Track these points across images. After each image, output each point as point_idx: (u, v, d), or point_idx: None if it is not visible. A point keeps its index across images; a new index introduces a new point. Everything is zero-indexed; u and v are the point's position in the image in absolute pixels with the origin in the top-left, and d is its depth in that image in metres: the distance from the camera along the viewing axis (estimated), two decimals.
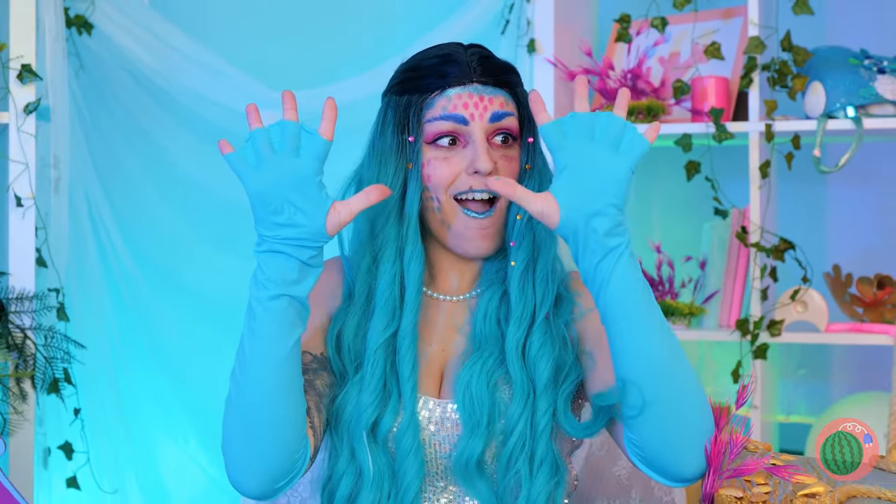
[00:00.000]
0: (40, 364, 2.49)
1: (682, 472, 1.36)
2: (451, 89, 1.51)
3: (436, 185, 1.51)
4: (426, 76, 1.52)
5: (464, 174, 1.50)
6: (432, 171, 1.51)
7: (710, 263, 2.75)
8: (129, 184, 2.96)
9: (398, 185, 1.51)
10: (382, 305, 1.50)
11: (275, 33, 3.05)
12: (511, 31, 2.78)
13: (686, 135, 2.67)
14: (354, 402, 1.49)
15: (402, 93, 1.54)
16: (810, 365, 3.02)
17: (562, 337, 1.50)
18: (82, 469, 2.75)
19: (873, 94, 2.56)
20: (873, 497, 1.34)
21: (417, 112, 1.52)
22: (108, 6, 2.82)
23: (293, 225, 1.34)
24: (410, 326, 1.50)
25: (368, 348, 1.49)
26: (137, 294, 2.95)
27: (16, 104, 2.61)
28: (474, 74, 1.51)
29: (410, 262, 1.51)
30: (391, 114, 1.54)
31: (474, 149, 1.49)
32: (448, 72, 1.51)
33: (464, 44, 1.57)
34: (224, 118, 2.90)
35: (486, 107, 1.50)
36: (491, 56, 1.55)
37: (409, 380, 1.49)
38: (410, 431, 1.48)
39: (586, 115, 1.37)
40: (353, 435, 1.48)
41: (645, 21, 2.82)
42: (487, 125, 1.50)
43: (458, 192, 1.50)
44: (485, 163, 1.47)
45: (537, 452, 1.46)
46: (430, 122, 1.51)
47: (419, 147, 1.51)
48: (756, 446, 1.50)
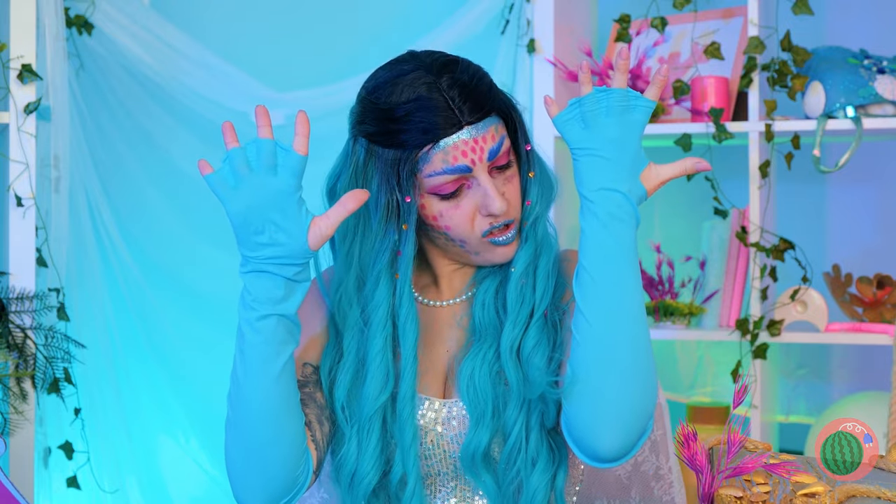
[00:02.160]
0: (40, 364, 2.50)
1: (598, 451, 1.37)
2: (443, 140, 1.43)
3: (459, 235, 1.47)
4: (409, 130, 1.43)
5: (479, 216, 1.47)
6: (450, 222, 1.46)
7: (710, 263, 2.75)
8: (129, 184, 2.96)
9: (388, 248, 1.46)
10: (375, 370, 1.47)
11: (275, 33, 3.05)
12: (511, 31, 2.78)
13: (686, 135, 2.67)
14: (353, 463, 1.47)
15: (385, 144, 1.45)
16: (810, 365, 3.02)
17: (556, 328, 1.49)
18: (82, 469, 2.75)
19: (873, 94, 2.56)
20: (873, 497, 1.34)
21: (411, 167, 1.44)
22: (109, 6, 2.82)
23: (275, 244, 1.32)
24: (410, 394, 1.47)
25: (363, 415, 1.47)
26: (137, 294, 2.95)
27: (16, 104, 2.61)
28: (463, 117, 1.43)
29: (406, 325, 1.47)
30: (375, 167, 1.46)
31: (483, 192, 1.45)
32: (436, 122, 1.43)
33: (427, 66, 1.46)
34: (224, 118, 2.89)
35: (483, 147, 1.45)
36: (465, 80, 1.45)
37: (411, 447, 1.47)
38: (417, 499, 1.47)
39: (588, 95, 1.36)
40: (354, 496, 1.48)
41: (645, 21, 2.82)
42: (487, 164, 1.46)
43: (484, 232, 1.47)
44: (499, 205, 1.44)
45: (531, 447, 1.46)
46: (432, 177, 1.45)
47: (415, 206, 1.46)
48: (756, 446, 1.50)
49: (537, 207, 1.51)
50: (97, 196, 2.88)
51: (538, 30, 2.74)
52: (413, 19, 2.99)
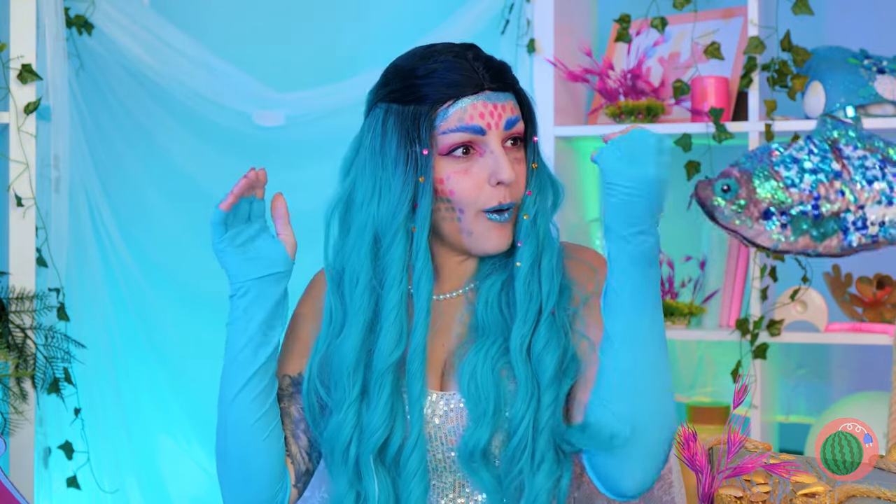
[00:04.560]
0: (40, 364, 2.50)
1: (623, 489, 1.43)
2: (464, 98, 1.47)
3: (462, 201, 1.48)
4: (433, 84, 1.48)
5: (487, 186, 1.48)
6: (455, 186, 1.48)
7: (710, 263, 2.75)
8: (129, 184, 2.96)
9: (407, 200, 1.47)
10: (389, 327, 1.47)
11: (275, 33, 3.05)
12: (511, 31, 2.78)
13: (686, 135, 2.67)
14: (354, 425, 1.48)
15: (406, 102, 1.49)
16: (810, 365, 3.02)
17: (565, 329, 1.50)
18: (82, 469, 2.75)
19: (873, 94, 2.56)
20: (873, 497, 1.34)
21: (429, 123, 1.47)
22: (109, 6, 2.82)
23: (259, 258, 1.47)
24: (421, 347, 1.48)
25: (375, 371, 1.47)
26: (137, 294, 2.95)
27: (16, 104, 2.61)
28: (485, 80, 1.48)
29: (420, 280, 1.48)
30: (394, 124, 1.49)
31: (494, 159, 1.47)
32: (458, 80, 1.47)
33: (455, 44, 1.53)
34: (224, 118, 2.90)
35: (501, 114, 1.48)
36: (490, 57, 1.52)
37: (417, 401, 1.48)
38: (417, 453, 1.47)
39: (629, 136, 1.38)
40: (360, 458, 1.48)
41: (645, 21, 2.82)
42: (503, 133, 1.48)
43: (487, 207, 1.48)
44: (509, 173, 1.46)
45: (538, 449, 1.46)
46: (446, 134, 1.47)
47: (432, 160, 1.48)
48: (756, 446, 1.50)
49: (537, 202, 1.52)
50: (97, 196, 2.87)
51: (538, 30, 2.74)
52: (413, 19, 2.99)
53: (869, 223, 1.15)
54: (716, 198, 1.12)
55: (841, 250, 1.13)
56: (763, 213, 1.12)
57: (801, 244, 1.12)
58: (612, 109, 2.74)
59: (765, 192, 1.12)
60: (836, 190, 1.14)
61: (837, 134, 1.16)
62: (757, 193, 1.11)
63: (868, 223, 1.15)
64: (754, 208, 1.13)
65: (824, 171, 1.14)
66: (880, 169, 1.15)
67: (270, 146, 2.92)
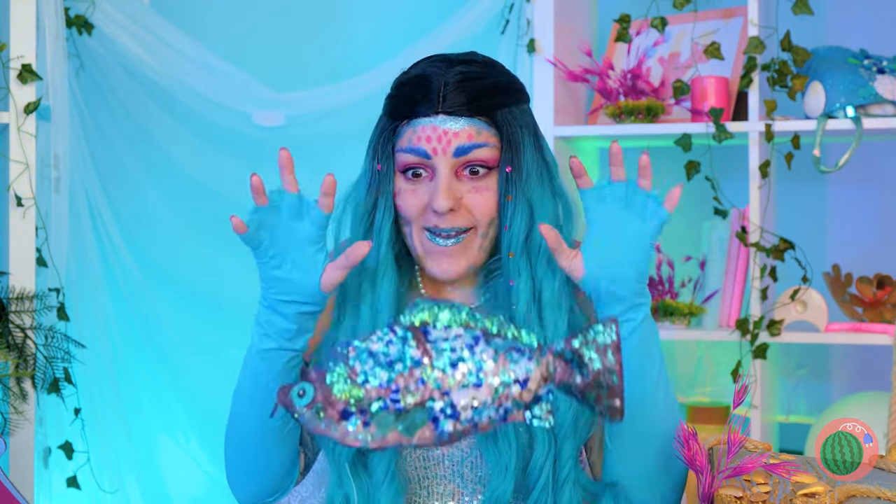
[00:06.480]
0: (40, 364, 2.50)
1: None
2: (417, 119, 1.46)
3: (406, 217, 1.48)
4: (398, 99, 1.48)
5: (428, 209, 1.46)
6: (402, 203, 1.48)
7: (710, 263, 2.75)
8: (129, 184, 2.96)
9: (368, 212, 1.49)
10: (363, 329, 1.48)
11: (275, 33, 3.05)
12: (511, 31, 2.78)
13: (686, 135, 2.67)
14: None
15: (383, 112, 1.51)
16: (810, 365, 3.02)
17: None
18: (82, 469, 2.75)
19: (873, 94, 2.56)
20: (873, 497, 1.34)
21: (390, 139, 1.48)
22: (109, 6, 2.82)
23: (289, 280, 1.39)
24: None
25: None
26: (137, 294, 2.95)
27: (16, 104, 2.61)
28: (441, 104, 1.44)
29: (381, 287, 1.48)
30: (373, 136, 1.52)
31: (434, 185, 1.45)
32: (416, 99, 1.46)
33: (452, 58, 1.49)
34: (224, 118, 2.90)
35: (451, 141, 1.44)
36: (473, 77, 1.46)
37: None
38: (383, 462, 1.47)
39: (622, 184, 1.37)
40: (338, 462, 1.49)
41: (645, 21, 2.82)
42: (452, 160, 1.45)
43: (426, 225, 1.47)
44: (441, 203, 1.43)
45: (561, 502, 1.45)
46: (399, 153, 1.47)
47: (391, 175, 1.48)
48: (756, 446, 1.50)
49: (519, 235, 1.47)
50: (97, 196, 2.87)
51: (538, 30, 2.74)
52: (413, 19, 2.99)
53: (459, 408, 1.07)
54: (295, 404, 1.07)
55: (438, 440, 1.06)
56: (341, 414, 1.07)
57: (391, 439, 1.06)
58: (612, 109, 2.74)
59: (340, 391, 1.07)
60: (415, 379, 1.07)
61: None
62: (333, 394, 1.07)
63: (458, 409, 1.07)
64: (332, 410, 1.08)
65: (403, 360, 1.08)
66: (469, 348, 1.08)
67: (270, 146, 2.92)
